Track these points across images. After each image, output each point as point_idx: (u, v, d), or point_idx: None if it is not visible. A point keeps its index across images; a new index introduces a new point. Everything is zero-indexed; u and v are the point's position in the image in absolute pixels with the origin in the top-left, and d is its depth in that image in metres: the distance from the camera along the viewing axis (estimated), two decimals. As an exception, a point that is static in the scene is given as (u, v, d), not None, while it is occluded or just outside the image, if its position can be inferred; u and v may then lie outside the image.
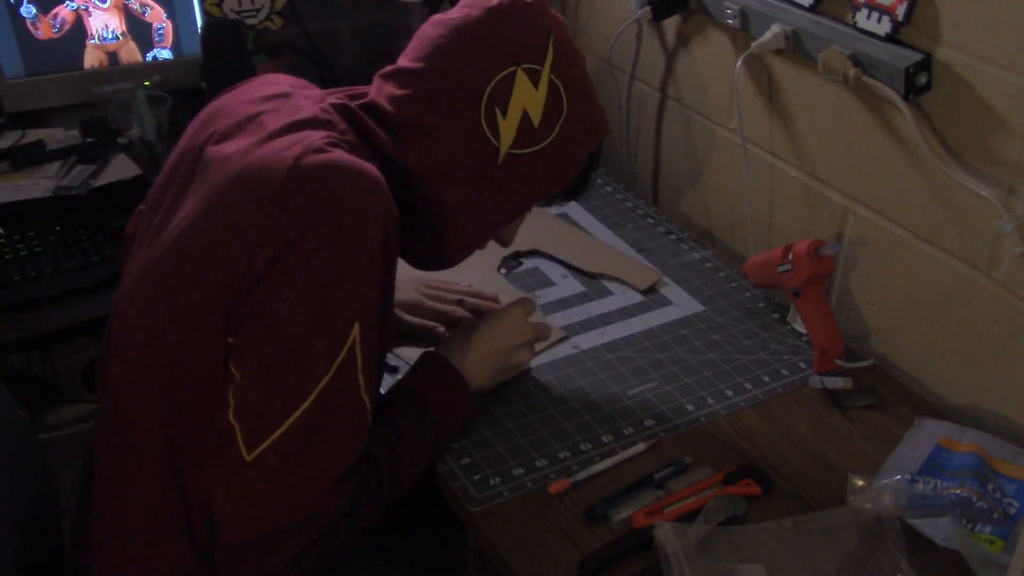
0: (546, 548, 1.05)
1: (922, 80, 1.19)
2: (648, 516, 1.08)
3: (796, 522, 1.07)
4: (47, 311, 1.44)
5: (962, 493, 1.09)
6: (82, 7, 1.78)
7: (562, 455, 1.17)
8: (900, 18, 1.20)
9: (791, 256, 1.32)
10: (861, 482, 1.12)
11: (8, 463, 1.12)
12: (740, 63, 1.43)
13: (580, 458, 1.16)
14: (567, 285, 1.48)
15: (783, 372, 1.31)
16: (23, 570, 1.06)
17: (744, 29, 1.44)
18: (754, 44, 1.39)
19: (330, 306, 0.95)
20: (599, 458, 1.16)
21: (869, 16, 1.23)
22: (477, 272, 1.49)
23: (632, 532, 1.07)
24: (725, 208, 1.63)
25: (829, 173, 1.40)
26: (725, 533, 1.05)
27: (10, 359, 1.89)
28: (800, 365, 1.32)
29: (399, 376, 1.21)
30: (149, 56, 1.87)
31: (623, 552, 1.04)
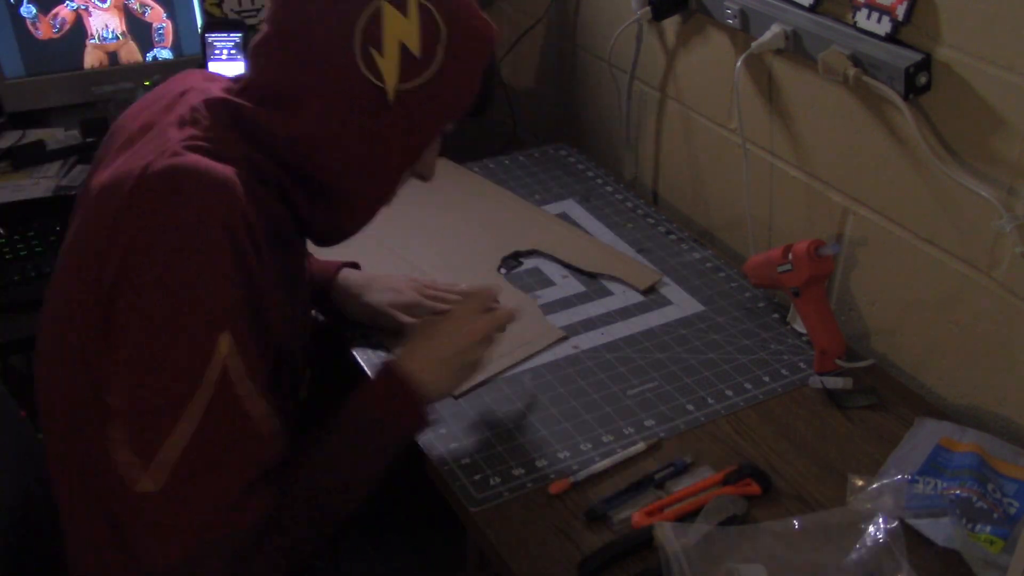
0: (546, 548, 1.05)
1: (922, 80, 1.19)
2: (648, 516, 1.08)
3: (796, 522, 1.07)
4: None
5: (962, 493, 1.09)
6: (82, 7, 1.78)
7: (562, 455, 1.17)
8: (900, 18, 1.20)
9: (791, 256, 1.32)
10: (861, 482, 1.12)
11: (8, 463, 1.12)
12: (740, 63, 1.43)
13: (580, 458, 1.16)
14: (567, 285, 1.48)
15: (783, 372, 1.31)
16: (24, 570, 1.06)
17: (744, 29, 1.44)
18: (754, 44, 1.39)
19: (183, 320, 0.91)
20: (599, 458, 1.16)
21: (869, 16, 1.23)
22: (476, 273, 1.49)
23: (632, 532, 1.06)
24: (725, 208, 1.63)
25: (829, 173, 1.40)
26: (725, 533, 1.05)
27: (10, 359, 1.89)
28: (800, 365, 1.32)
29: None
30: (149, 56, 1.87)
31: (623, 552, 1.04)
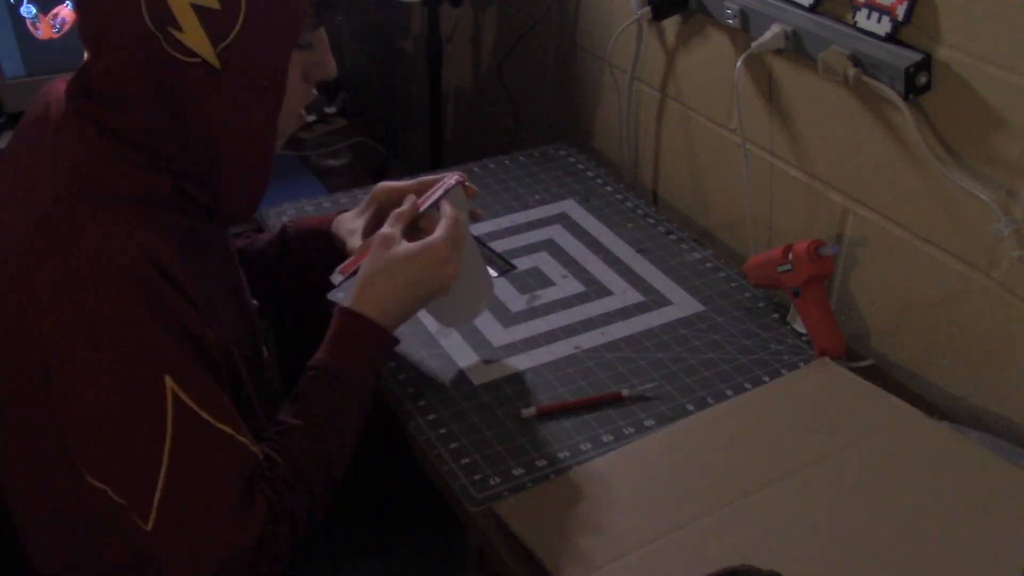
0: (546, 548, 1.05)
1: (922, 80, 1.19)
2: (648, 516, 1.08)
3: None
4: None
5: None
6: (82, 7, 1.78)
7: (562, 455, 1.17)
8: (900, 18, 1.20)
9: (791, 256, 1.32)
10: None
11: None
12: (740, 63, 1.43)
13: (580, 458, 1.16)
14: (567, 285, 1.48)
15: (783, 372, 1.31)
16: (25, 571, 1.06)
17: (744, 29, 1.44)
18: (754, 44, 1.39)
19: (125, 387, 0.89)
20: (599, 458, 1.16)
21: (869, 16, 1.23)
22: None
23: (632, 532, 1.06)
24: (725, 208, 1.63)
25: (829, 173, 1.40)
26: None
27: None
28: (800, 365, 1.32)
29: None
30: (149, 56, 1.87)
31: (623, 552, 1.04)
